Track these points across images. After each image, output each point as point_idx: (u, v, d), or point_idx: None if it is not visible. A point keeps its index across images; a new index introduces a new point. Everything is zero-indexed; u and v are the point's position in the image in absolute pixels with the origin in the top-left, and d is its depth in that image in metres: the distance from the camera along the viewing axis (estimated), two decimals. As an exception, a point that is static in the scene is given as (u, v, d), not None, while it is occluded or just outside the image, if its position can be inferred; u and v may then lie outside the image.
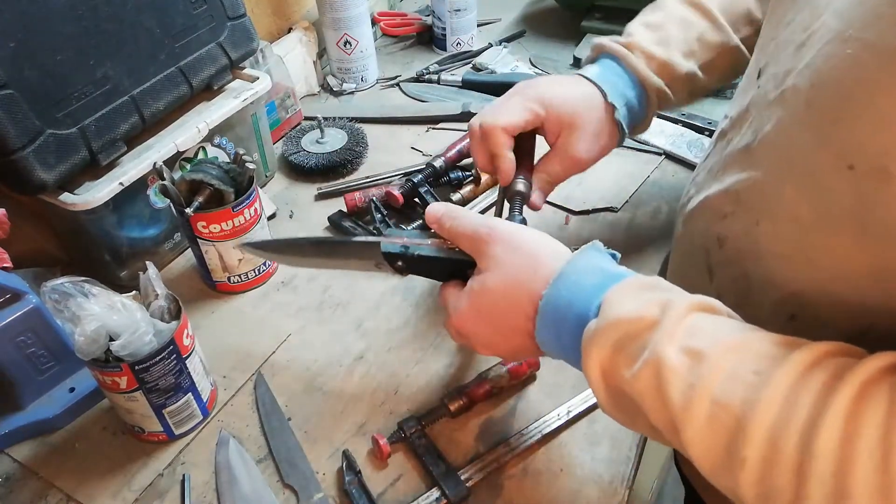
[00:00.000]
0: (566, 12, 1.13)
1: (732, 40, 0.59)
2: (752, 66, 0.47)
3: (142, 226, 0.68)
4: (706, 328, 0.36)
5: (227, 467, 0.53)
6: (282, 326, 0.65)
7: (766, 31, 0.47)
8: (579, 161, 0.57)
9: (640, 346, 0.36)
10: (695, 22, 0.59)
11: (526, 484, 0.51)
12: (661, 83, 0.58)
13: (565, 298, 0.40)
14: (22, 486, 0.53)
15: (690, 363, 0.34)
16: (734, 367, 0.33)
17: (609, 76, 0.58)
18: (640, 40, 0.59)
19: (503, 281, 0.43)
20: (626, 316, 0.37)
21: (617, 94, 0.57)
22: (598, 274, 0.41)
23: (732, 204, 0.44)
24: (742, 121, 0.45)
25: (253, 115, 0.77)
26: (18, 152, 0.54)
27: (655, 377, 0.34)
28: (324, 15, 0.94)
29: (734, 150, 0.45)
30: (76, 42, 0.57)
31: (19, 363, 0.54)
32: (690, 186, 0.54)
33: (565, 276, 0.41)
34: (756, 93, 0.44)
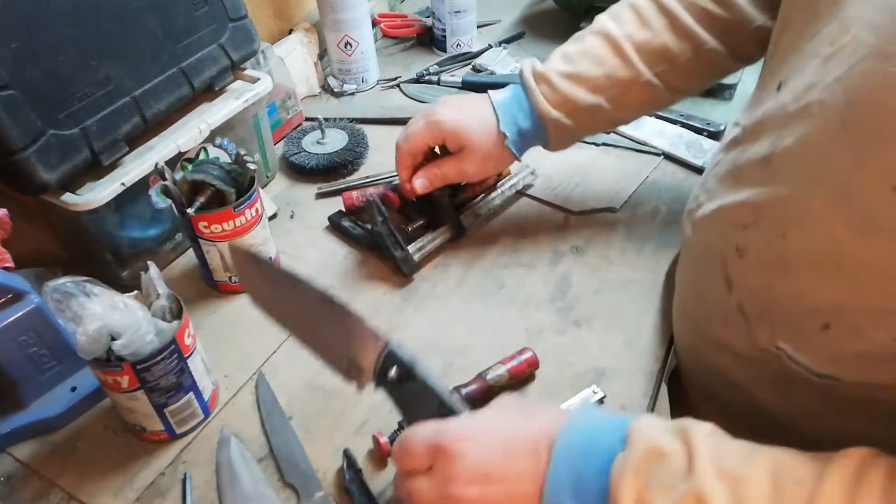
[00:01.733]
0: (565, 14, 1.13)
1: (643, 76, 0.61)
2: (769, 77, 0.47)
3: (143, 226, 0.68)
4: (730, 449, 0.36)
5: (228, 466, 0.53)
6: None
7: (784, 43, 0.46)
8: (469, 175, 0.67)
9: (676, 474, 0.35)
10: (606, 59, 0.62)
11: (526, 483, 0.51)
12: (560, 116, 0.63)
13: (584, 441, 0.38)
14: (23, 485, 0.53)
15: (729, 488, 0.33)
16: (775, 485, 0.33)
17: (510, 104, 0.65)
18: (550, 72, 0.63)
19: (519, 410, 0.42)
20: (658, 442, 0.36)
21: (510, 122, 0.64)
22: (609, 418, 0.39)
23: (752, 215, 0.44)
24: (757, 131, 0.45)
25: (254, 116, 0.77)
26: (20, 153, 0.55)
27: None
28: (324, 16, 0.94)
29: (750, 160, 0.45)
30: (78, 43, 0.58)
31: (21, 362, 0.54)
32: (700, 192, 0.53)
33: (578, 421, 0.39)
34: (774, 105, 0.43)
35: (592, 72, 0.62)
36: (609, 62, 0.62)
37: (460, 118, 0.64)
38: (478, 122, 0.64)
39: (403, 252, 0.67)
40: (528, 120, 0.64)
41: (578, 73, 0.63)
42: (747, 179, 0.45)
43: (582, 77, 0.62)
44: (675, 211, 0.75)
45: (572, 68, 0.63)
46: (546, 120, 0.63)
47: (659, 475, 0.35)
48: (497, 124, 0.64)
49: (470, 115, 0.64)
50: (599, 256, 0.70)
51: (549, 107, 0.63)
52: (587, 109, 0.63)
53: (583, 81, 0.62)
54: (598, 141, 0.85)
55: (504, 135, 0.64)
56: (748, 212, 0.44)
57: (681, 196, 0.77)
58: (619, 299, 0.65)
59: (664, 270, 0.68)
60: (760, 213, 0.43)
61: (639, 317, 0.64)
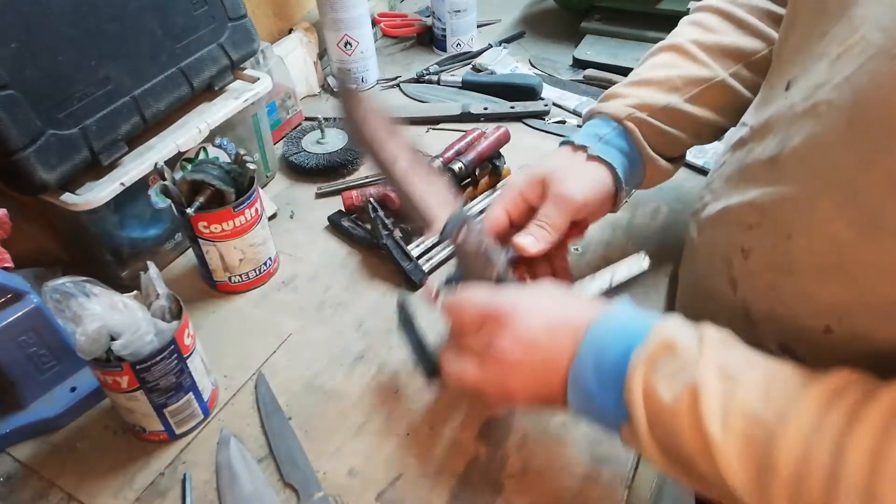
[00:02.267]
0: (566, 13, 1.13)
1: (718, 76, 0.58)
2: (777, 77, 0.47)
3: (143, 226, 0.68)
4: (736, 356, 0.38)
5: (227, 466, 0.53)
6: (282, 326, 0.65)
7: (792, 42, 0.45)
8: (570, 198, 0.54)
9: (679, 368, 0.38)
10: (676, 63, 0.59)
11: (526, 484, 0.51)
12: (636, 112, 0.57)
13: (613, 329, 0.42)
14: (23, 485, 0.53)
15: (724, 387, 0.36)
16: (767, 386, 0.35)
17: (581, 131, 0.59)
18: (617, 88, 0.60)
19: (545, 313, 0.44)
20: (671, 337, 0.39)
21: (586, 136, 0.58)
22: (643, 313, 0.42)
23: (757, 216, 0.44)
24: (764, 131, 0.45)
25: (254, 116, 0.77)
26: (20, 152, 0.55)
27: (693, 399, 0.36)
28: (324, 16, 0.94)
29: (757, 160, 0.45)
30: (77, 43, 0.58)
31: (20, 363, 0.54)
32: (705, 193, 0.53)
33: (612, 313, 0.42)
34: (782, 104, 0.43)
35: (664, 74, 0.58)
36: (680, 65, 0.59)
37: (531, 167, 0.58)
38: (548, 156, 0.59)
39: (412, 263, 0.67)
40: (605, 126, 0.58)
41: (648, 78, 0.59)
42: (753, 180, 0.45)
43: (653, 81, 0.59)
44: (675, 211, 0.75)
45: (640, 77, 0.60)
46: (624, 121, 0.57)
47: (666, 366, 0.38)
48: (571, 143, 0.58)
49: (542, 161, 0.58)
50: (600, 257, 0.70)
51: (623, 107, 0.58)
52: (663, 110, 0.57)
53: (654, 84, 0.58)
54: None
55: (581, 146, 0.57)
56: (754, 212, 0.44)
57: (681, 196, 0.77)
58: (620, 299, 0.65)
59: (665, 271, 0.68)
60: (766, 214, 0.43)
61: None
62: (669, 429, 0.37)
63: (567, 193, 0.53)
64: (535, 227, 0.53)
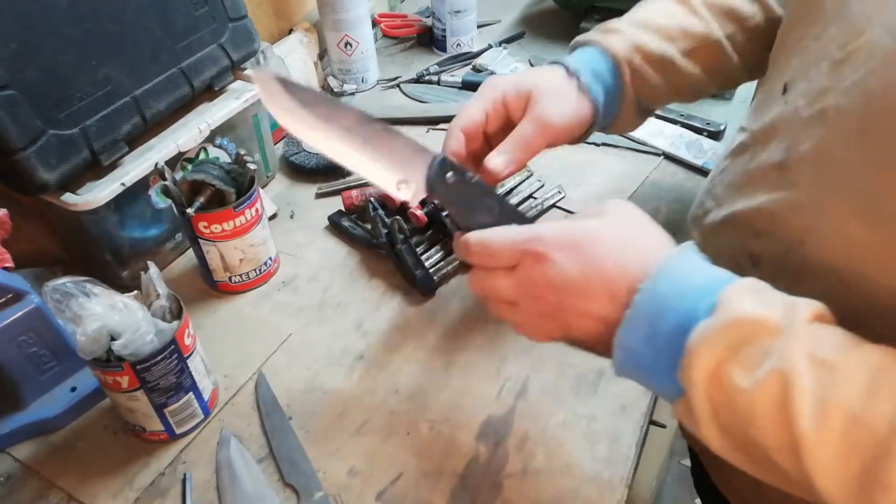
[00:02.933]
0: (566, 14, 1.13)
1: (714, 34, 0.56)
2: (773, 80, 0.46)
3: (143, 226, 0.68)
4: (830, 338, 0.33)
5: (228, 466, 0.53)
6: (282, 326, 0.65)
7: (787, 44, 0.45)
8: (550, 122, 0.51)
9: (761, 351, 0.33)
10: (677, 13, 0.58)
11: (526, 484, 0.51)
12: (633, 57, 0.55)
13: (668, 294, 0.36)
14: (23, 485, 0.53)
15: (821, 374, 0.31)
16: (872, 381, 0.31)
17: (578, 56, 0.56)
18: (617, 22, 0.58)
19: (617, 236, 0.39)
20: (747, 316, 0.33)
21: (579, 63, 0.55)
22: (703, 273, 0.37)
23: (766, 222, 0.43)
24: (767, 136, 0.44)
25: (254, 116, 0.77)
26: (20, 152, 0.55)
27: (781, 389, 0.31)
28: (324, 16, 0.94)
29: (761, 166, 0.44)
30: (78, 43, 0.58)
31: (21, 363, 0.54)
32: (706, 198, 0.53)
33: (669, 271, 0.37)
34: (783, 109, 0.42)
35: (664, 21, 0.57)
36: (680, 15, 0.57)
37: (520, 75, 0.55)
38: (542, 71, 0.55)
39: (424, 271, 0.67)
40: (602, 62, 0.56)
41: (649, 21, 0.57)
42: (760, 186, 0.44)
43: (653, 25, 0.57)
44: (675, 211, 0.75)
45: (643, 18, 0.58)
46: (620, 61, 0.55)
47: (743, 349, 0.33)
48: (565, 68, 0.55)
49: (529, 72, 0.56)
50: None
51: (622, 46, 0.56)
52: (658, 60, 0.56)
53: (654, 29, 0.57)
54: (598, 141, 0.85)
55: (575, 75, 0.54)
56: (762, 219, 0.44)
57: (681, 196, 0.77)
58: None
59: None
60: (776, 220, 0.42)
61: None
62: (742, 416, 0.33)
63: (548, 116, 0.51)
64: (509, 145, 0.50)
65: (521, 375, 0.59)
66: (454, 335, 0.63)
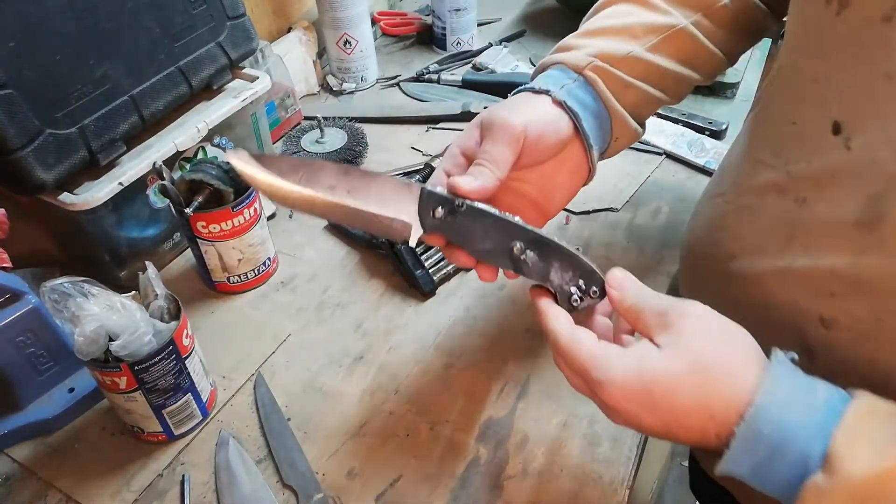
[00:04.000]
0: (566, 11, 1.13)
1: (679, 23, 0.51)
2: (813, 113, 0.40)
3: (141, 226, 0.68)
4: None
5: (226, 468, 0.52)
6: (281, 326, 0.65)
7: (838, 79, 0.39)
8: (506, 123, 0.44)
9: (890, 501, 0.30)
10: (632, 12, 0.53)
11: (526, 485, 0.51)
12: (596, 60, 0.49)
13: (771, 438, 0.33)
14: (21, 486, 0.53)
15: None
16: None
17: (538, 80, 0.50)
18: (570, 39, 0.53)
19: (693, 372, 0.35)
20: (864, 475, 0.30)
21: (545, 82, 0.49)
22: (805, 404, 0.34)
23: (845, 285, 0.38)
24: (821, 184, 0.39)
25: (252, 115, 0.76)
26: (18, 152, 0.54)
27: None
28: (323, 14, 0.94)
29: (826, 220, 0.39)
30: (75, 42, 0.57)
31: (18, 363, 0.54)
32: (724, 238, 0.47)
33: (766, 411, 0.33)
34: (845, 156, 0.38)
35: (620, 22, 0.52)
36: (637, 13, 0.52)
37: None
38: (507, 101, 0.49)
39: (424, 271, 0.67)
40: (565, 77, 0.49)
41: (604, 27, 0.52)
42: (828, 242, 0.39)
43: (609, 29, 0.52)
44: (676, 211, 0.75)
45: (595, 26, 0.53)
46: (585, 70, 0.49)
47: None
48: (529, 89, 0.49)
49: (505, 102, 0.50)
50: (601, 257, 0.70)
51: (583, 56, 0.50)
52: (626, 60, 0.50)
53: (611, 32, 0.51)
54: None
55: (544, 92, 0.48)
56: (838, 281, 0.39)
57: (682, 196, 0.77)
58: (620, 299, 0.65)
59: (666, 271, 0.68)
60: (858, 285, 0.38)
61: (640, 317, 0.63)
62: None
63: (501, 121, 0.44)
64: (472, 166, 0.44)
65: (522, 376, 0.59)
66: (454, 335, 0.63)
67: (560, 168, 0.49)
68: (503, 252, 0.42)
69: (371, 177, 0.42)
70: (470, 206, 0.41)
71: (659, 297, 0.39)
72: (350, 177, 0.42)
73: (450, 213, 0.41)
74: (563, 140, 0.48)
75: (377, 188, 0.42)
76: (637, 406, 0.36)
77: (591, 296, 0.41)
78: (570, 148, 0.48)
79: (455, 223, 0.42)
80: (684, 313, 0.36)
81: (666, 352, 0.36)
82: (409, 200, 0.42)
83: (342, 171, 0.42)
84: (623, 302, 0.39)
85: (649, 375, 0.35)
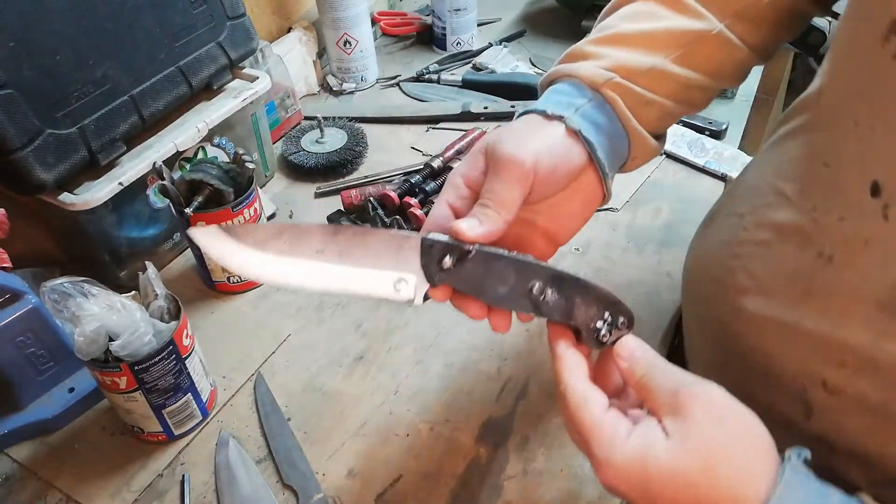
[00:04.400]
0: (567, 11, 1.13)
1: (713, 28, 0.45)
2: (851, 163, 0.37)
3: (141, 226, 0.68)
4: None
5: (226, 468, 0.52)
6: (281, 326, 0.65)
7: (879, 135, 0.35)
8: (514, 159, 0.38)
9: None
10: (658, 13, 0.46)
11: (526, 485, 0.51)
12: (616, 76, 0.43)
13: None
14: (21, 486, 0.53)
15: None
16: None
17: (547, 97, 0.44)
18: (584, 45, 0.46)
19: (701, 471, 0.32)
20: None
21: (558, 104, 0.43)
22: None
23: (859, 360, 0.36)
24: (852, 248, 0.36)
25: (252, 115, 0.76)
26: (18, 152, 0.54)
27: None
28: (323, 14, 0.94)
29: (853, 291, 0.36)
30: (75, 42, 0.57)
31: (18, 363, 0.54)
32: (737, 265, 0.44)
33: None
34: (883, 227, 0.34)
35: (643, 27, 0.45)
36: (663, 15, 0.45)
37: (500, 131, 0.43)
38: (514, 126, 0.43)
39: None
40: (578, 95, 0.43)
41: (623, 33, 0.45)
42: (849, 315, 0.36)
43: (630, 36, 0.45)
44: (676, 211, 0.75)
45: (614, 31, 0.46)
46: (602, 88, 0.43)
47: None
48: (541, 112, 0.42)
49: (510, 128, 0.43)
50: (601, 257, 0.70)
51: (600, 71, 0.43)
52: (647, 74, 0.44)
53: (632, 41, 0.45)
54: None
55: (558, 117, 0.42)
56: (850, 354, 0.36)
57: (683, 196, 0.77)
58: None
59: (666, 271, 0.68)
60: (873, 365, 0.35)
61: (640, 318, 0.63)
62: None
63: (509, 154, 0.39)
64: (476, 207, 0.39)
65: (522, 376, 0.59)
66: (454, 335, 0.63)
67: (572, 197, 0.44)
68: (521, 295, 0.38)
69: (364, 233, 0.38)
70: (480, 250, 0.37)
71: (671, 372, 0.35)
72: (340, 236, 0.37)
73: (458, 261, 0.37)
74: (575, 171, 0.42)
75: (372, 245, 0.38)
76: (634, 493, 0.33)
77: (619, 327, 0.39)
78: (584, 176, 0.43)
79: (464, 271, 0.37)
80: (697, 398, 0.33)
81: (674, 443, 0.32)
82: (409, 253, 0.37)
83: (331, 231, 0.37)
84: (633, 375, 0.36)
85: (654, 468, 0.32)
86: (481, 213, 0.38)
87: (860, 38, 0.36)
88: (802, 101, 0.44)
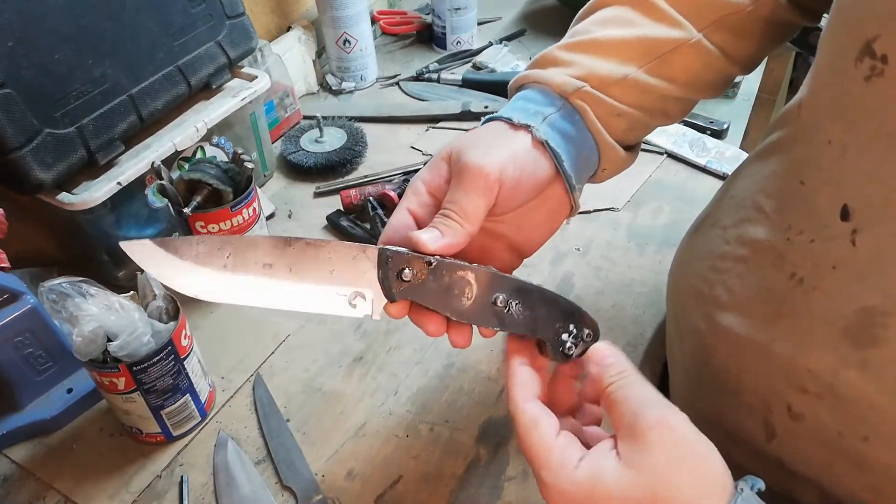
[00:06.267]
0: (567, 10, 1.12)
1: (691, 36, 0.43)
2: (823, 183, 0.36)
3: (140, 225, 0.68)
4: None
5: (225, 469, 0.52)
6: (280, 327, 0.64)
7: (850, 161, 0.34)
8: (480, 169, 0.37)
9: None
10: (634, 20, 0.44)
11: (527, 486, 0.51)
12: (586, 86, 0.41)
13: None
14: (20, 487, 0.53)
15: None
16: None
17: (514, 104, 0.43)
18: (553, 51, 0.45)
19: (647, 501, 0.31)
20: None
21: (526, 113, 0.41)
22: None
23: (819, 388, 0.36)
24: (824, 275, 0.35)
25: (251, 115, 0.76)
26: (16, 152, 0.54)
27: None
28: (323, 13, 0.94)
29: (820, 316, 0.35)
30: (74, 41, 0.57)
31: (17, 364, 0.54)
32: (724, 296, 0.42)
33: None
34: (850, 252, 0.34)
35: (617, 34, 0.43)
36: (638, 21, 0.43)
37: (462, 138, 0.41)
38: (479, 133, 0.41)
39: None
40: (547, 104, 0.42)
41: (596, 40, 0.43)
42: (814, 341, 0.36)
43: (603, 43, 0.43)
44: (677, 210, 0.75)
45: (586, 37, 0.44)
46: (571, 97, 0.41)
47: None
48: (506, 120, 0.41)
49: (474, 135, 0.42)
50: (601, 257, 0.70)
51: (569, 79, 0.42)
52: (619, 84, 0.42)
53: (604, 49, 0.43)
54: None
55: (525, 126, 0.40)
56: (812, 381, 0.36)
57: (684, 195, 0.76)
58: (622, 300, 0.65)
59: (667, 271, 0.67)
60: (832, 393, 0.35)
61: (641, 317, 0.63)
62: None
63: (474, 164, 0.37)
64: (438, 217, 0.37)
65: (522, 376, 0.58)
66: (454, 336, 0.63)
67: (539, 208, 0.42)
68: (484, 308, 0.36)
69: (317, 245, 0.35)
70: (441, 262, 0.35)
71: (639, 386, 0.34)
72: (290, 249, 0.35)
73: (418, 274, 0.35)
74: (542, 183, 0.41)
75: (325, 258, 0.35)
76: None
77: (584, 339, 0.37)
78: (551, 188, 0.42)
79: (425, 284, 0.35)
80: (656, 424, 0.32)
81: (624, 469, 0.31)
82: (365, 266, 0.35)
83: (280, 244, 0.35)
84: (602, 381, 0.35)
85: (603, 486, 0.31)
86: (443, 225, 0.36)
87: (836, 56, 0.35)
88: (785, 113, 0.43)
